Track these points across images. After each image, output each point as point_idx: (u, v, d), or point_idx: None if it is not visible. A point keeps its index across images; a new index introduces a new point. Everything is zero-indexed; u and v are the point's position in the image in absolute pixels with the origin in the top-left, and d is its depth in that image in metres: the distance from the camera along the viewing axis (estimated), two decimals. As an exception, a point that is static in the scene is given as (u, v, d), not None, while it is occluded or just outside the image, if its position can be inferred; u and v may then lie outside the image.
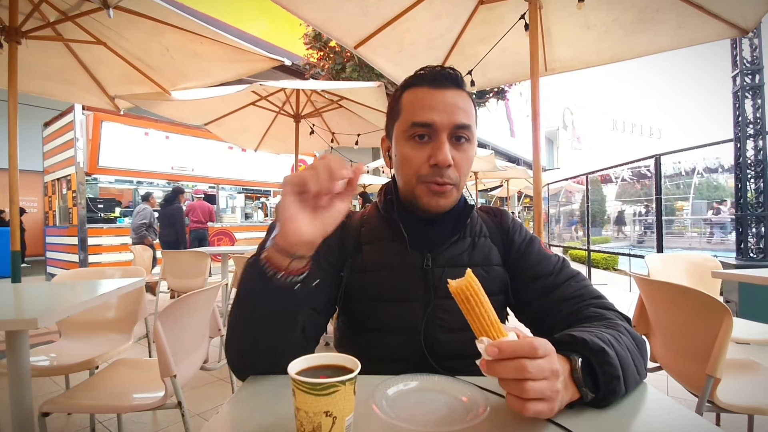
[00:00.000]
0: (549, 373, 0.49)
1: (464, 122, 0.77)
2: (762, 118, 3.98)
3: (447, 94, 0.78)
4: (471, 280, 0.53)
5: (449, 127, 0.76)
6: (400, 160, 0.81)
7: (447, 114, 0.76)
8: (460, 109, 0.77)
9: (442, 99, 0.77)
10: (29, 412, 1.23)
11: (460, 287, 0.53)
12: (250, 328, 0.67)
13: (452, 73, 0.80)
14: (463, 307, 0.53)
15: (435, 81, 0.79)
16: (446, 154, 0.75)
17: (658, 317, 1.49)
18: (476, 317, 0.52)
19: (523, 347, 0.49)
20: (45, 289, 1.70)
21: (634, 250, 9.07)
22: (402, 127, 0.80)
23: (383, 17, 2.79)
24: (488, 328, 0.52)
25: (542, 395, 0.49)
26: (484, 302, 0.53)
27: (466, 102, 0.79)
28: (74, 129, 6.94)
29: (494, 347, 0.49)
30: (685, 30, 2.80)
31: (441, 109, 0.76)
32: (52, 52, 3.29)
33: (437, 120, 0.76)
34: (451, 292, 0.54)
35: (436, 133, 0.77)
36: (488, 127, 19.19)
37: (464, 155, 0.79)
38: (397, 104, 0.83)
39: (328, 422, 0.45)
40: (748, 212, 4.04)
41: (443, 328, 0.79)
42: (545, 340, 0.52)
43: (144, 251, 5.06)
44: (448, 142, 0.77)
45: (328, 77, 8.44)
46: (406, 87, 0.83)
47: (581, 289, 0.79)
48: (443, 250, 0.83)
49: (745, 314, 3.47)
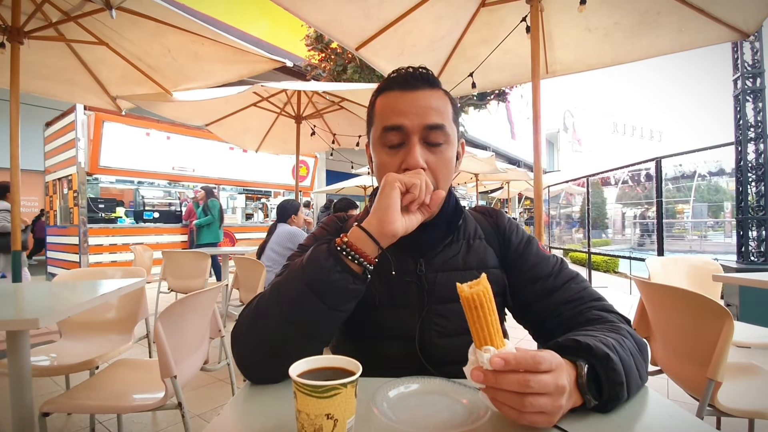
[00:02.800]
0: (553, 389, 0.48)
1: (436, 122, 0.74)
2: (763, 121, 3.98)
3: (418, 95, 0.75)
4: (486, 285, 0.51)
5: (419, 129, 0.74)
6: (377, 168, 0.79)
7: (417, 116, 0.73)
8: (431, 109, 0.74)
9: (413, 101, 0.75)
10: (29, 411, 1.23)
11: (476, 293, 0.50)
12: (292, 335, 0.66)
13: (424, 73, 0.77)
14: (470, 314, 0.51)
15: (405, 83, 0.76)
16: (416, 157, 0.72)
17: (659, 320, 1.49)
18: (483, 326, 0.50)
19: (527, 360, 0.48)
20: (46, 289, 1.70)
21: (635, 253, 9.06)
22: (376, 134, 0.78)
23: (385, 19, 2.80)
24: (494, 337, 0.50)
25: (542, 410, 0.48)
26: (494, 310, 0.51)
27: (439, 101, 0.76)
28: (76, 129, 6.95)
29: (500, 358, 0.48)
30: (687, 33, 2.80)
31: (411, 112, 0.74)
32: (54, 52, 3.30)
33: (407, 123, 0.73)
34: (461, 297, 0.51)
35: (407, 136, 0.74)
36: (489, 129, 19.20)
37: (439, 157, 0.75)
38: (372, 110, 0.81)
39: (329, 425, 0.45)
40: (749, 215, 4.03)
41: (439, 333, 0.78)
42: (551, 353, 0.51)
43: (144, 251, 5.06)
44: (421, 145, 0.74)
45: (330, 78, 8.45)
46: (379, 92, 0.80)
47: (581, 291, 0.78)
48: (436, 254, 0.81)
49: (746, 318, 3.47)
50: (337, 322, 0.69)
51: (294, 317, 0.65)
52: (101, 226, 7.18)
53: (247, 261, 3.22)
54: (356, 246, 0.64)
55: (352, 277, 0.64)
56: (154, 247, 5.92)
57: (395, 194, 0.65)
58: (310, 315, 0.65)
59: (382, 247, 0.65)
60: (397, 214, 0.65)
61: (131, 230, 7.55)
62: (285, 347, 0.66)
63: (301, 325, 0.66)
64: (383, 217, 0.64)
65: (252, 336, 0.68)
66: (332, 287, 0.64)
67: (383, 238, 0.65)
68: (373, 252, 0.65)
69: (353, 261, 0.64)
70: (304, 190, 11.02)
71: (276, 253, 3.27)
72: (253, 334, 0.68)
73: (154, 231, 7.86)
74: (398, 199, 0.65)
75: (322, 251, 0.66)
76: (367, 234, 0.65)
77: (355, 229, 0.66)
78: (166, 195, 9.47)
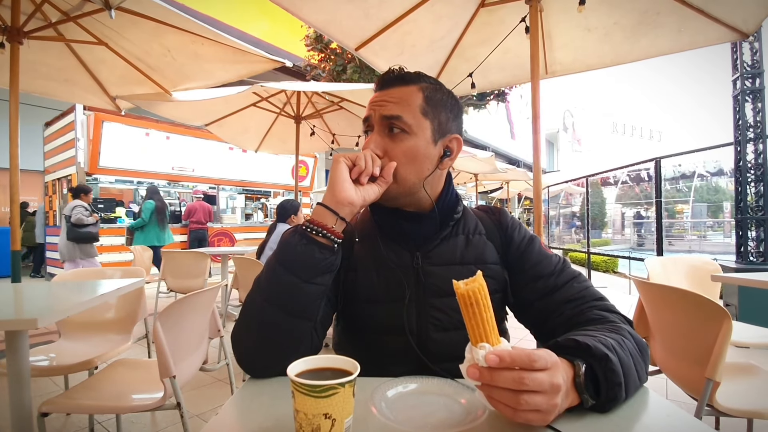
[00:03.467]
0: (548, 387, 0.49)
1: (392, 113, 0.78)
2: (762, 121, 3.98)
3: (387, 91, 0.81)
4: (482, 282, 0.51)
5: (378, 120, 0.79)
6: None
7: (378, 107, 0.79)
8: (392, 102, 0.79)
9: (380, 96, 0.81)
10: (28, 412, 1.23)
11: (471, 290, 0.50)
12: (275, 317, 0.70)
13: (398, 72, 0.82)
14: (466, 310, 0.51)
15: (382, 83, 0.83)
16: (367, 142, 0.79)
17: (658, 320, 1.49)
18: (478, 322, 0.51)
19: (521, 357, 0.49)
20: (45, 289, 1.70)
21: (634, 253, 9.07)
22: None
23: (384, 19, 2.80)
24: (489, 334, 0.51)
25: (537, 408, 0.49)
26: (489, 306, 0.51)
27: (405, 94, 0.79)
28: (75, 129, 6.95)
29: (495, 355, 0.48)
30: (686, 33, 2.80)
31: (375, 105, 0.80)
32: (53, 52, 3.30)
33: (371, 114, 0.81)
34: (456, 293, 0.52)
35: (372, 127, 0.81)
36: (489, 129, 19.21)
37: (397, 145, 0.78)
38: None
39: (327, 424, 0.45)
40: (748, 216, 4.03)
41: (436, 327, 0.79)
42: (547, 352, 0.51)
43: (143, 251, 5.06)
44: (381, 134, 0.79)
45: (329, 79, 8.45)
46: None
47: (583, 291, 0.78)
48: (433, 248, 0.82)
49: (745, 318, 3.47)
50: (315, 296, 0.72)
51: (273, 298, 0.70)
52: (101, 226, 7.16)
53: (246, 261, 3.22)
54: (317, 220, 0.71)
55: (318, 247, 0.70)
56: (154, 247, 5.91)
57: (341, 167, 0.72)
58: (286, 291, 0.70)
59: (341, 216, 0.71)
60: (346, 183, 0.72)
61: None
62: (273, 330, 0.70)
63: (282, 304, 0.70)
64: (334, 188, 0.71)
65: (243, 328, 0.73)
66: (299, 259, 0.70)
67: (339, 206, 0.71)
68: (332, 221, 0.71)
69: (317, 234, 0.70)
70: (303, 190, 11.03)
71: (275, 253, 3.27)
72: (244, 326, 0.73)
73: (153, 231, 7.84)
74: (346, 172, 0.72)
75: (289, 231, 0.74)
76: (324, 207, 0.71)
77: (316, 206, 0.73)
78: (166, 195, 9.46)
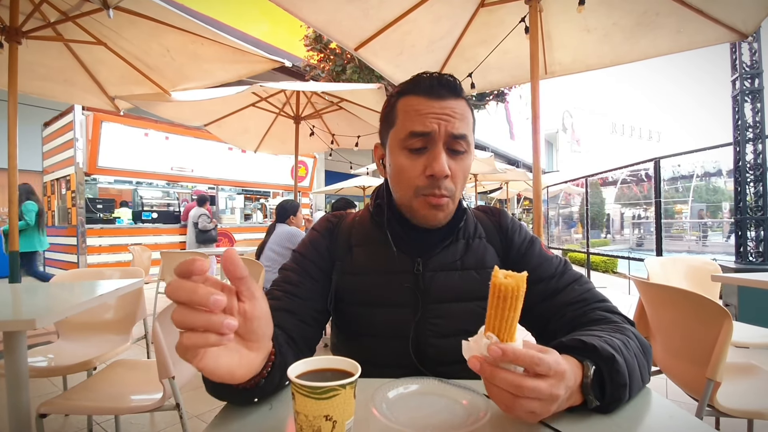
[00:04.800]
0: (546, 396, 0.48)
1: (461, 132, 0.75)
2: (761, 121, 3.98)
3: (445, 103, 0.75)
4: (522, 283, 0.50)
5: (446, 136, 0.74)
6: (396, 171, 0.78)
7: (444, 122, 0.74)
8: (456, 118, 0.75)
9: (440, 108, 0.75)
10: (27, 413, 1.22)
11: (507, 285, 0.49)
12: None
13: (450, 81, 0.78)
14: (495, 302, 0.50)
15: (432, 90, 0.76)
16: (443, 164, 0.73)
17: (658, 320, 1.49)
18: (501, 318, 0.50)
19: (525, 357, 0.47)
20: (43, 290, 1.69)
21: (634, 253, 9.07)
22: (398, 136, 0.78)
23: (384, 19, 2.80)
24: (504, 331, 0.50)
25: (531, 410, 0.49)
26: (518, 309, 0.50)
27: (463, 110, 0.77)
28: (74, 129, 6.94)
29: (498, 348, 0.47)
30: (685, 34, 2.81)
31: (437, 118, 0.74)
32: (52, 52, 3.29)
33: (435, 128, 0.74)
34: (492, 281, 0.50)
35: (433, 142, 0.74)
36: (488, 130, 19.22)
37: (461, 165, 0.77)
38: (392, 111, 0.81)
39: (328, 426, 0.45)
40: (747, 216, 4.04)
41: (435, 333, 0.78)
42: (555, 360, 0.49)
43: (143, 252, 5.05)
44: (445, 152, 0.74)
45: (329, 79, 8.45)
46: (401, 94, 0.80)
47: (585, 293, 0.77)
48: (434, 255, 0.81)
49: (745, 318, 3.47)
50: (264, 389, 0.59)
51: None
52: (99, 227, 7.17)
53: (246, 261, 3.21)
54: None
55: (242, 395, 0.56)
56: (153, 248, 5.90)
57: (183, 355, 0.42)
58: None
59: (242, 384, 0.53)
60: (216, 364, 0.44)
61: (129, 231, 7.54)
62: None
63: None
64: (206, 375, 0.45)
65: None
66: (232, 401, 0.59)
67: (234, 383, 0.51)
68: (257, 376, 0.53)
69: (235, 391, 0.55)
70: (302, 190, 11.02)
71: (275, 253, 3.27)
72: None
73: (152, 231, 7.85)
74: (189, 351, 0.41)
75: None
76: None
77: None
78: (165, 195, 9.46)
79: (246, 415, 0.58)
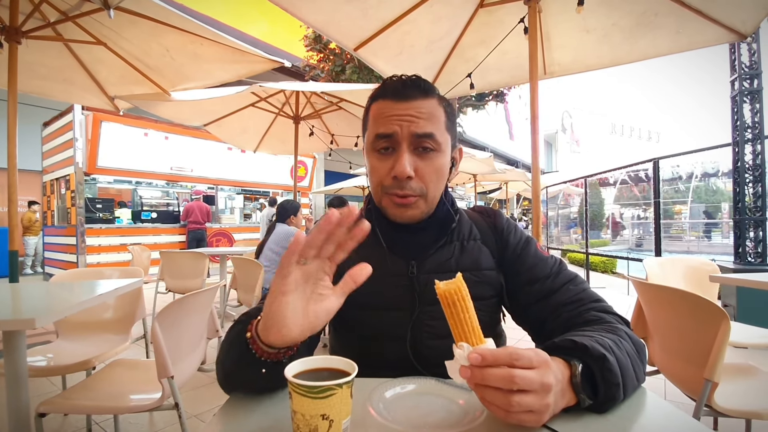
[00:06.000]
0: (538, 386, 0.48)
1: (425, 131, 0.75)
2: (760, 122, 3.99)
3: (410, 104, 0.76)
4: (460, 284, 0.53)
5: (408, 137, 0.75)
6: (369, 171, 0.81)
7: (407, 123, 0.75)
8: (422, 118, 0.76)
9: (404, 109, 0.76)
10: (26, 412, 1.22)
11: (448, 291, 0.52)
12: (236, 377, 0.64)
13: (416, 81, 0.79)
14: (447, 311, 0.53)
15: (397, 92, 0.78)
16: (404, 166, 0.74)
17: (656, 321, 1.49)
18: (459, 322, 0.52)
19: (503, 356, 0.48)
20: (43, 289, 1.69)
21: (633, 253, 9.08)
22: (369, 139, 0.80)
23: (383, 19, 2.80)
24: (469, 334, 0.52)
25: (529, 408, 0.48)
26: (469, 308, 0.52)
27: (431, 109, 0.77)
28: (73, 129, 6.94)
29: (476, 354, 0.49)
30: (684, 34, 2.81)
31: (401, 120, 0.75)
32: (52, 52, 3.29)
33: (397, 129, 0.75)
34: (437, 293, 0.53)
35: (397, 144, 0.76)
36: (487, 130, 19.23)
37: (428, 164, 0.77)
38: (366, 116, 0.83)
39: (324, 425, 0.45)
40: (746, 216, 4.04)
41: (431, 335, 0.78)
42: (535, 351, 0.51)
43: (142, 251, 5.05)
44: (411, 152, 0.75)
45: (328, 79, 8.46)
46: (374, 99, 0.82)
47: (580, 293, 0.77)
48: (428, 257, 0.82)
49: (743, 318, 3.48)
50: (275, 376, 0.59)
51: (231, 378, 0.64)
52: (99, 227, 7.17)
53: (245, 261, 3.21)
54: (257, 345, 0.57)
55: (259, 366, 0.58)
56: (152, 248, 5.90)
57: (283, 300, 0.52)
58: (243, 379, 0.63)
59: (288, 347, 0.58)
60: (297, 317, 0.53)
61: (129, 230, 7.54)
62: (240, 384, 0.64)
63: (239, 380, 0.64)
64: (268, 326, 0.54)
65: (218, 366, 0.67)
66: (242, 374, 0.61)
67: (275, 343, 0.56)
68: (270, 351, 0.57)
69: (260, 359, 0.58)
70: (302, 190, 11.02)
71: (274, 253, 3.27)
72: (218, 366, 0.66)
73: (152, 231, 7.86)
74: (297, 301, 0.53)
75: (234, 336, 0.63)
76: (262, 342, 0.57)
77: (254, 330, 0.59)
78: (164, 195, 9.46)
79: (244, 414, 0.58)
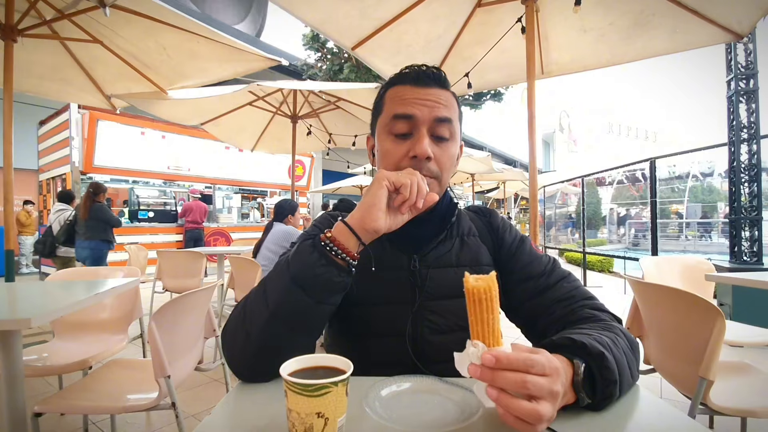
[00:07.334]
0: (547, 394, 0.48)
1: (445, 116, 0.77)
2: (756, 122, 4.01)
3: (429, 91, 0.78)
4: (492, 283, 0.50)
5: (429, 120, 0.76)
6: (381, 155, 0.80)
7: (428, 108, 0.76)
8: (441, 104, 0.77)
9: (424, 94, 0.77)
10: (22, 412, 1.22)
11: (477, 288, 0.50)
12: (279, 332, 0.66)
13: (435, 72, 0.80)
14: (471, 307, 0.51)
15: (418, 79, 0.79)
16: (425, 146, 0.74)
17: (652, 320, 1.50)
18: (480, 321, 0.50)
19: (518, 361, 0.47)
20: (39, 289, 1.69)
21: (629, 252, 9.11)
22: (384, 121, 0.80)
23: (381, 19, 2.80)
24: (488, 335, 0.50)
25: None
26: (495, 309, 0.50)
27: (448, 99, 0.79)
28: (70, 127, 6.91)
29: (491, 356, 0.47)
30: (681, 34, 2.82)
31: (422, 104, 0.76)
32: (48, 50, 3.28)
33: (417, 113, 0.76)
34: (465, 287, 0.51)
35: (416, 126, 0.76)
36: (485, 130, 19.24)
37: (444, 150, 0.78)
38: (381, 101, 0.84)
39: (320, 423, 0.45)
40: (741, 216, 4.06)
41: (432, 330, 0.78)
42: (548, 358, 0.50)
43: (139, 251, 5.04)
44: (429, 137, 0.76)
45: (326, 78, 8.45)
46: (390, 85, 0.83)
47: (573, 290, 0.78)
48: (430, 250, 0.82)
49: (739, 317, 3.49)
50: (324, 316, 0.69)
51: (281, 312, 0.66)
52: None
53: (242, 260, 3.21)
54: (339, 241, 0.65)
55: (337, 270, 0.65)
56: (149, 247, 5.88)
57: (381, 193, 0.65)
58: (296, 309, 0.66)
59: (364, 242, 0.66)
60: (380, 212, 0.65)
61: (126, 230, 7.50)
62: (274, 343, 0.66)
63: (289, 320, 0.66)
64: (366, 215, 0.65)
65: (241, 334, 0.68)
66: (317, 281, 0.65)
67: (365, 234, 0.66)
68: (354, 247, 0.66)
69: (336, 256, 0.65)
70: (300, 189, 11.01)
71: (272, 252, 3.26)
72: (242, 333, 0.68)
73: (149, 230, 7.83)
74: (384, 197, 0.66)
75: (307, 246, 0.67)
76: (350, 229, 0.66)
77: (339, 224, 0.67)
78: (161, 194, 9.42)
79: (239, 412, 0.58)
